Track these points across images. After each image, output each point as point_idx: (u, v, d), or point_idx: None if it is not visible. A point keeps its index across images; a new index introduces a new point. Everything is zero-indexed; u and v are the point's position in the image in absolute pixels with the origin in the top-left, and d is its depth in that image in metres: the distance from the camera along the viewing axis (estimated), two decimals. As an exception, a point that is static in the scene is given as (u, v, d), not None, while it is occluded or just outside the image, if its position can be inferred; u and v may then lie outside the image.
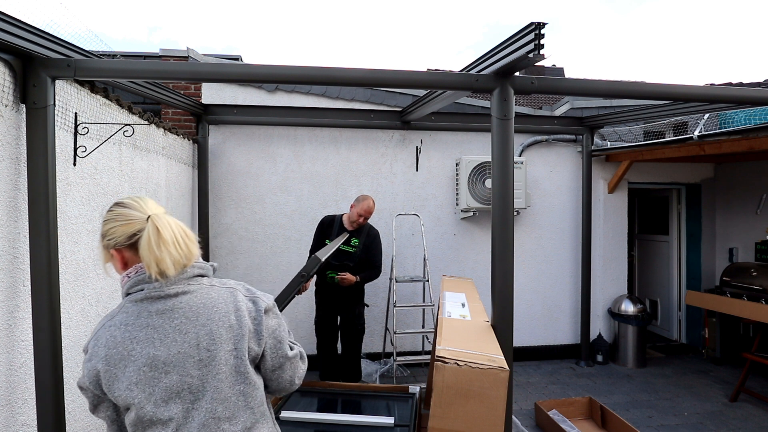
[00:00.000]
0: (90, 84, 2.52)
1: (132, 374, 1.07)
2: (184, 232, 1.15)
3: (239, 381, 1.13)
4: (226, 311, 1.14)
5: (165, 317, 1.11)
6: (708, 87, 3.04)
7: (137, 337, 1.09)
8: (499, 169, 2.65)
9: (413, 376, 4.57)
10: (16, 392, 1.98)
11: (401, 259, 4.79)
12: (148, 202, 1.17)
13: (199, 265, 1.19)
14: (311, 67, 2.50)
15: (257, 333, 1.16)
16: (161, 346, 1.09)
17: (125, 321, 1.11)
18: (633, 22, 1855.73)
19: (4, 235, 1.92)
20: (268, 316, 1.20)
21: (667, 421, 3.67)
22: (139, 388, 1.07)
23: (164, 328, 1.10)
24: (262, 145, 4.63)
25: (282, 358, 1.22)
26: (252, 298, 1.20)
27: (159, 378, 1.08)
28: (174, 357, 1.09)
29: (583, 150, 4.96)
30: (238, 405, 1.13)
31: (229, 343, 1.12)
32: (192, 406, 1.09)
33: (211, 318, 1.12)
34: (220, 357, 1.11)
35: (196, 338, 1.10)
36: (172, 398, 1.08)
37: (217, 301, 1.15)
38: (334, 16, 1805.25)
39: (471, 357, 2.08)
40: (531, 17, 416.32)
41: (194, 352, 1.10)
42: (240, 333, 1.13)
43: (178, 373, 1.09)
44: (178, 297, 1.13)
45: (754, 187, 5.02)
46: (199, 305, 1.13)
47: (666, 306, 5.83)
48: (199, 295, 1.14)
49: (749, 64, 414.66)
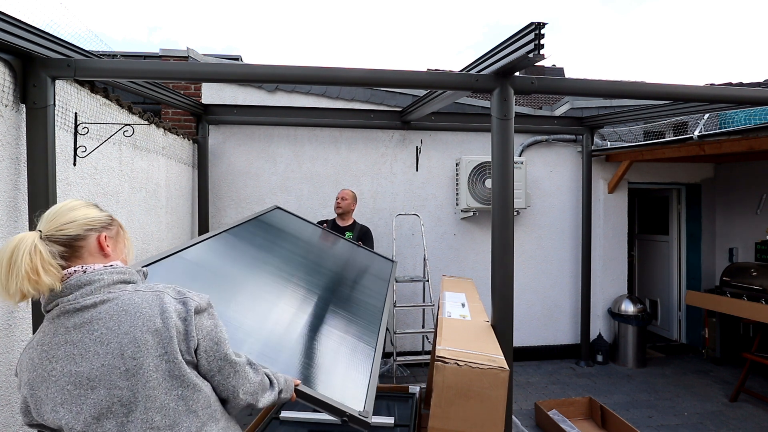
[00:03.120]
0: (90, 84, 2.52)
1: (56, 395, 1.02)
2: (34, 257, 1.02)
3: (176, 386, 1.06)
4: (150, 315, 1.06)
5: (84, 330, 1.04)
6: (708, 87, 3.04)
7: (56, 356, 1.03)
8: (499, 169, 2.65)
9: (413, 376, 4.57)
10: (17, 392, 1.98)
11: (401, 259, 4.78)
12: (44, 214, 1.11)
13: (118, 270, 1.12)
14: (311, 67, 2.50)
15: (187, 334, 1.08)
16: (83, 362, 1.03)
17: (41, 341, 1.06)
18: (633, 22, 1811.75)
19: (4, 235, 1.92)
20: (200, 316, 1.12)
21: (667, 421, 3.67)
22: (65, 408, 1.02)
23: (84, 342, 1.03)
24: (262, 145, 4.63)
25: (220, 360, 1.13)
26: (182, 299, 1.11)
27: (85, 395, 1.02)
28: (98, 371, 1.02)
29: (583, 150, 4.97)
30: (179, 411, 1.06)
31: (156, 348, 1.04)
32: (126, 419, 1.03)
33: (134, 324, 1.04)
34: (147, 364, 1.03)
35: (120, 348, 1.03)
36: (104, 414, 1.02)
37: (140, 306, 1.06)
38: (334, 16, 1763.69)
39: (471, 357, 2.08)
40: (531, 17, 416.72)
41: (119, 363, 1.03)
42: (168, 335, 1.05)
43: (105, 387, 1.02)
44: (96, 307, 1.05)
45: (754, 187, 5.02)
46: (120, 312, 1.05)
47: (666, 306, 5.83)
48: (120, 302, 1.06)
49: (749, 64, 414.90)
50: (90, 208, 1.16)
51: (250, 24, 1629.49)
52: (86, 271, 1.08)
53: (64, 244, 1.08)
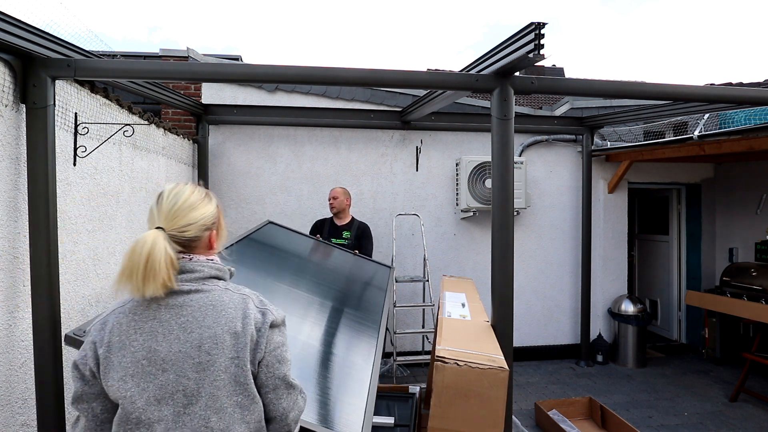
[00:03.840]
0: (90, 84, 2.52)
1: (129, 365, 1.04)
2: (167, 263, 1.06)
3: (238, 392, 1.07)
4: (233, 317, 1.09)
5: (172, 312, 1.07)
6: (708, 87, 3.04)
7: (142, 328, 1.06)
8: (499, 169, 2.65)
9: (413, 376, 4.57)
10: (16, 392, 1.98)
11: (401, 259, 4.79)
12: (162, 207, 1.12)
13: (216, 266, 1.16)
14: (311, 67, 2.50)
15: (257, 344, 1.10)
16: (163, 341, 1.05)
17: (134, 309, 1.08)
18: (633, 22, 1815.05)
19: (4, 235, 1.92)
20: (273, 331, 1.14)
21: (667, 421, 3.67)
22: (134, 381, 1.03)
23: (170, 324, 1.06)
24: (262, 145, 4.63)
25: (278, 379, 1.13)
26: (262, 309, 1.15)
27: (155, 374, 1.04)
28: (174, 355, 1.05)
29: (583, 150, 4.97)
30: (234, 417, 1.07)
31: (231, 350, 1.07)
32: (184, 410, 1.04)
33: (217, 321, 1.08)
34: (219, 363, 1.05)
35: (199, 339, 1.06)
36: (165, 399, 1.03)
37: (227, 305, 1.10)
38: (334, 16, 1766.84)
39: (471, 357, 2.08)
40: (531, 17, 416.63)
41: (195, 353, 1.05)
42: (244, 341, 1.08)
43: (175, 373, 1.04)
44: (189, 295, 1.09)
45: (754, 187, 5.02)
46: (208, 306, 1.09)
47: (666, 306, 5.83)
48: (211, 296, 1.10)
49: (749, 64, 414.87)
50: (205, 204, 1.18)
51: (250, 24, 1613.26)
52: (191, 260, 1.14)
53: (183, 244, 1.13)
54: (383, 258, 4.76)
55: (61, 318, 2.15)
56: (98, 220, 2.56)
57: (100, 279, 2.60)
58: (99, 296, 2.59)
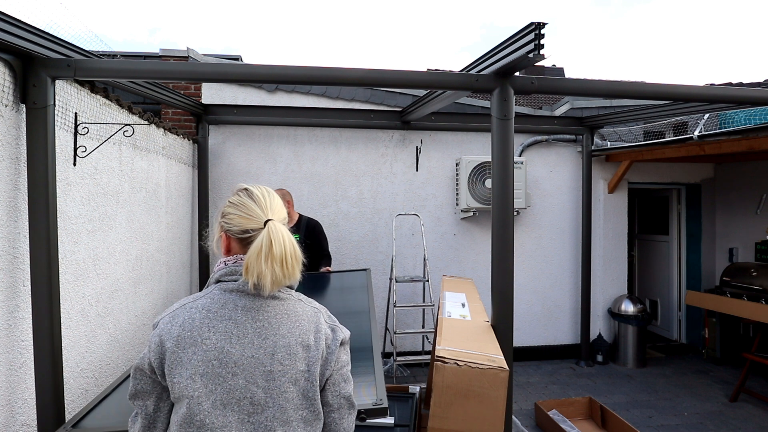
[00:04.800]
0: (90, 84, 2.52)
1: (199, 364, 0.99)
2: (294, 250, 1.05)
3: (305, 406, 1.04)
4: (307, 329, 1.06)
5: (249, 315, 1.03)
6: (708, 87, 3.04)
7: (216, 327, 1.01)
8: (499, 169, 2.65)
9: (413, 376, 4.56)
10: (16, 392, 1.98)
11: (401, 259, 4.79)
12: (274, 200, 1.12)
13: None
14: (311, 67, 2.50)
15: (326, 361, 1.07)
16: (237, 344, 1.01)
17: (208, 307, 1.04)
18: (631, 23, 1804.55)
19: (4, 235, 1.92)
20: (341, 350, 1.12)
21: (667, 421, 3.67)
22: (203, 381, 0.98)
23: (245, 327, 1.02)
24: (262, 145, 4.63)
25: (343, 398, 1.10)
26: (332, 326, 1.12)
27: (225, 377, 0.99)
28: (246, 360, 1.01)
29: (583, 150, 4.97)
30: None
31: (302, 362, 1.04)
32: (249, 419, 1.00)
33: (292, 331, 1.04)
34: (290, 374, 1.02)
35: (273, 347, 1.02)
36: (231, 404, 0.99)
37: (301, 316, 1.08)
38: (334, 16, 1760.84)
39: (471, 357, 2.08)
40: (528, 18, 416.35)
41: (267, 361, 1.01)
42: (315, 356, 1.05)
43: (245, 378, 1.00)
44: (267, 300, 1.06)
45: (754, 187, 5.02)
46: (284, 314, 1.06)
47: (666, 306, 5.83)
48: (287, 305, 1.08)
49: (749, 64, 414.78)
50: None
51: (250, 24, 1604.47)
52: None
53: None
54: (384, 258, 4.77)
55: (61, 318, 2.16)
56: (98, 220, 2.56)
57: (100, 279, 2.60)
58: (99, 296, 2.59)
